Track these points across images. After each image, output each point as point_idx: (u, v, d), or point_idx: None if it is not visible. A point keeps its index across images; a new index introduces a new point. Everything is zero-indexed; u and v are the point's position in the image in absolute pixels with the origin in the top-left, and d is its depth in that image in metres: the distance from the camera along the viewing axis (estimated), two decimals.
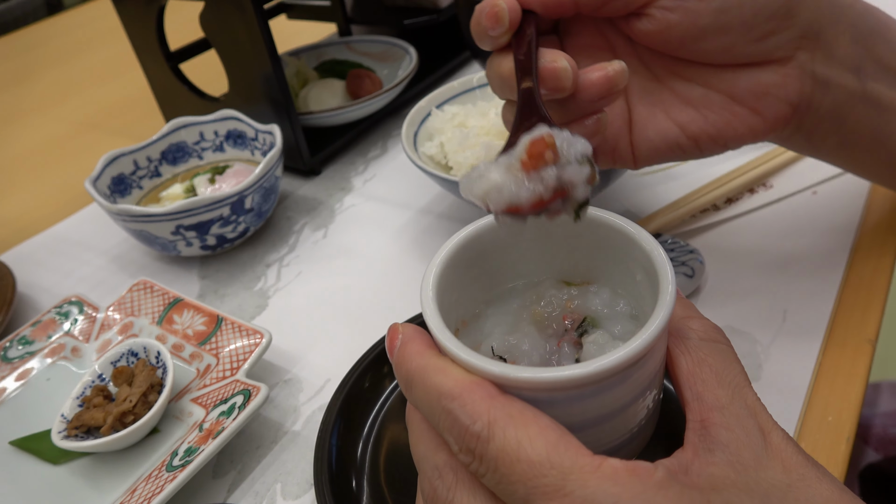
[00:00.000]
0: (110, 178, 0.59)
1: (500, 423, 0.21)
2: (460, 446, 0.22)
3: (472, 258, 0.29)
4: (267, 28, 0.58)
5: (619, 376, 0.23)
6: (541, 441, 0.20)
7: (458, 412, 0.21)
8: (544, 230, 0.29)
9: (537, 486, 0.20)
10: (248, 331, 0.45)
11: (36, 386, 0.46)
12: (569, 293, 0.30)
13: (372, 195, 0.63)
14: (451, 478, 0.23)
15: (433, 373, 0.23)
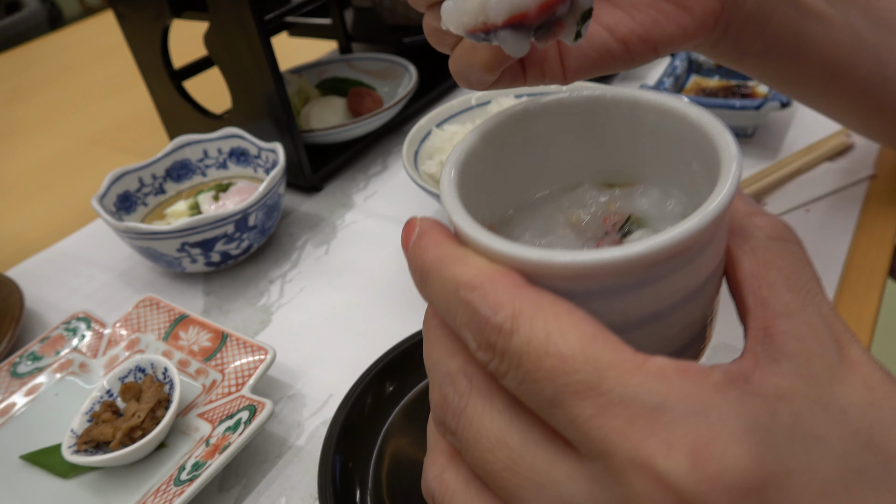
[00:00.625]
0: (116, 195, 0.60)
1: (527, 314, 0.18)
2: (479, 342, 0.19)
3: (500, 155, 0.26)
4: (270, 48, 0.59)
5: (670, 263, 0.19)
6: (574, 334, 0.17)
7: (479, 303, 0.18)
8: (581, 120, 0.26)
9: (568, 384, 0.17)
10: (252, 347, 0.46)
11: (45, 401, 0.47)
12: (611, 194, 0.26)
13: (373, 212, 0.64)
14: (465, 385, 0.20)
15: (451, 263, 0.20)
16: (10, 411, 0.46)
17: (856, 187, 0.55)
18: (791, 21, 0.37)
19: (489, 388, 0.19)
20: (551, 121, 0.25)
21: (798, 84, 0.43)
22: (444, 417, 0.20)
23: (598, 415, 0.16)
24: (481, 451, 0.19)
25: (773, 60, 0.39)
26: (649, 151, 0.25)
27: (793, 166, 0.56)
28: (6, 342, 0.52)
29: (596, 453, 0.17)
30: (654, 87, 0.64)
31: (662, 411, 0.16)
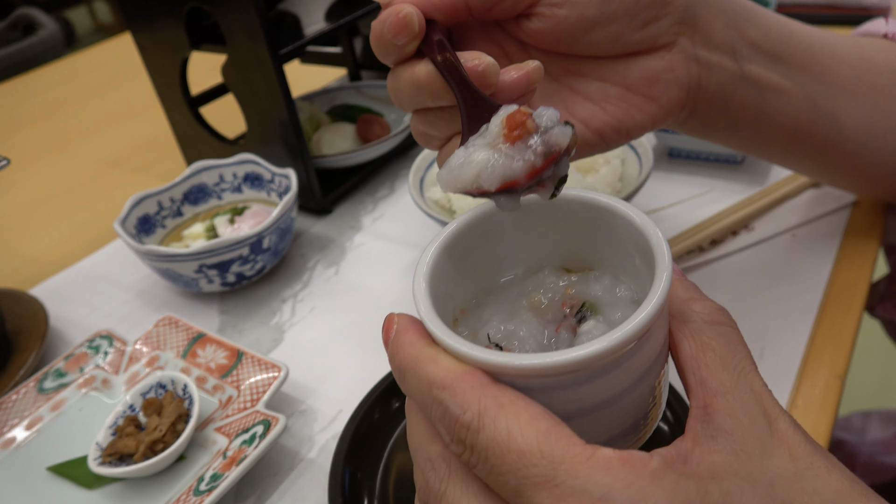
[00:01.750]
0: (136, 218, 0.63)
1: (491, 413, 0.21)
2: (452, 437, 0.21)
3: (468, 247, 0.28)
4: (284, 79, 0.62)
5: (613, 360, 0.22)
6: (531, 431, 0.20)
7: (449, 402, 0.21)
8: (540, 216, 0.29)
9: (527, 477, 0.20)
10: (266, 365, 0.48)
11: (69, 415, 0.50)
12: (569, 279, 0.29)
13: (380, 234, 0.67)
14: (444, 469, 0.23)
15: (424, 363, 0.23)
16: (37, 425, 0.49)
17: (839, 213, 0.57)
18: (751, 98, 0.39)
19: (465, 473, 0.22)
20: (513, 216, 0.28)
21: (763, 150, 0.46)
22: (427, 499, 0.23)
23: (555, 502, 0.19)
24: None
25: (737, 133, 0.42)
26: (601, 243, 0.28)
27: (779, 192, 0.59)
28: (32, 358, 0.55)
29: None
30: None
31: (606, 501, 0.19)
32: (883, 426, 0.80)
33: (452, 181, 0.25)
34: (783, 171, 0.64)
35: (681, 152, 0.68)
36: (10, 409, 0.49)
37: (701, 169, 0.67)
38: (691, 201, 0.62)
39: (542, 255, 0.30)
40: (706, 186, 0.64)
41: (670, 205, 0.62)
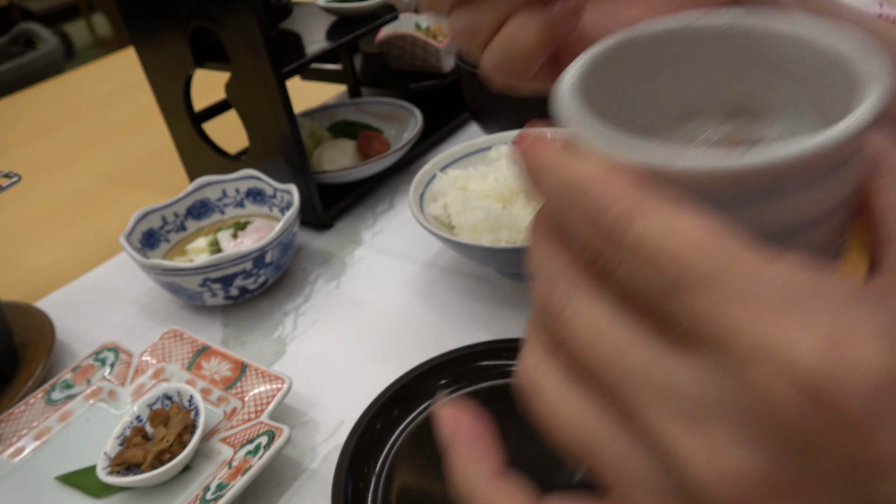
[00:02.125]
0: (141, 232, 0.64)
1: (647, 207, 0.16)
2: (593, 234, 0.17)
3: (619, 76, 0.23)
4: (286, 96, 0.64)
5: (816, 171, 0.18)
6: (698, 226, 0.16)
7: (597, 194, 0.17)
8: (708, 51, 0.23)
9: (684, 276, 0.16)
10: (270, 377, 0.50)
11: (76, 426, 0.51)
12: (736, 123, 0.24)
13: (380, 248, 0.68)
14: (568, 283, 0.18)
15: (569, 161, 0.18)
16: (45, 435, 0.50)
17: None
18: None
19: (596, 284, 0.18)
20: (674, 47, 0.23)
21: None
22: (545, 311, 0.19)
23: (719, 304, 0.15)
24: (581, 345, 0.18)
25: None
26: (781, 81, 0.23)
27: None
28: (40, 370, 0.56)
29: (712, 344, 0.15)
30: None
31: (794, 304, 0.15)
32: None
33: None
34: None
35: None
36: (20, 420, 0.50)
37: None
38: None
39: (703, 96, 0.24)
40: None
41: None
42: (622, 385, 0.17)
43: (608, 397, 0.18)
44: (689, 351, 0.16)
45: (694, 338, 0.16)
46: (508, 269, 0.58)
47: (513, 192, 0.56)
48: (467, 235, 0.55)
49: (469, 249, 0.53)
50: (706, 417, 0.16)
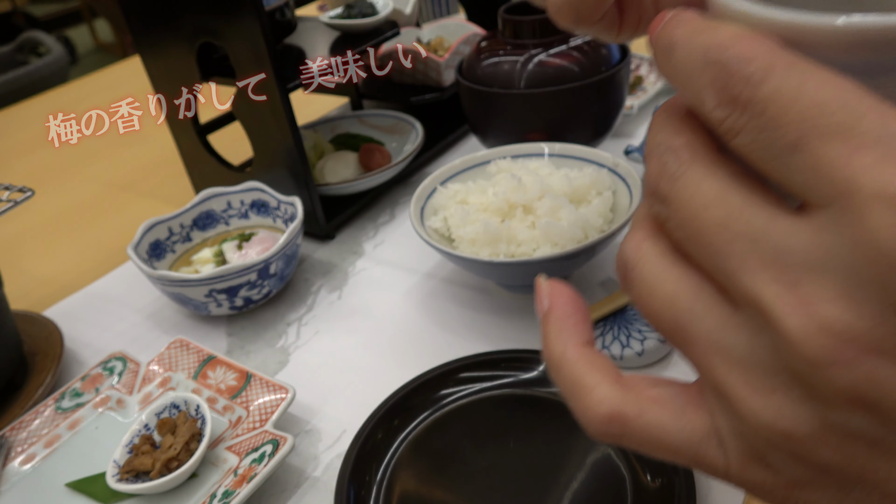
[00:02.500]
0: (148, 243, 0.65)
1: (781, 67, 0.16)
2: (722, 97, 0.17)
3: None
4: (291, 111, 0.65)
5: None
6: (832, 84, 0.15)
7: (729, 58, 0.16)
8: None
9: (817, 126, 0.15)
10: (274, 386, 0.51)
11: (85, 433, 0.52)
12: None
13: (381, 259, 0.69)
14: (688, 155, 0.18)
15: (704, 31, 0.17)
16: (56, 443, 0.51)
17: None
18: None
19: (713, 158, 0.18)
20: None
21: None
22: (657, 184, 0.19)
23: (846, 154, 0.15)
24: (693, 210, 0.18)
25: None
26: None
27: None
28: (49, 378, 0.57)
29: (834, 195, 0.15)
30: (639, 146, 0.70)
31: None
32: None
33: None
34: None
35: None
36: (30, 427, 0.52)
37: None
38: None
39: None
40: None
41: None
42: (730, 249, 0.17)
43: (711, 268, 0.17)
44: (804, 213, 0.16)
45: (814, 194, 0.15)
46: (507, 282, 0.60)
47: (511, 207, 0.57)
48: (466, 248, 0.56)
49: (468, 263, 0.54)
50: (812, 275, 0.15)
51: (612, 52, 0.69)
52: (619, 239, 0.62)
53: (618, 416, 0.20)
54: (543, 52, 0.67)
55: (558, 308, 0.22)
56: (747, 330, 0.17)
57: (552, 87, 0.65)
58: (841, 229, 0.15)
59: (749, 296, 0.16)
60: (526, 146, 0.65)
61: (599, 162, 0.61)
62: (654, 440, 0.19)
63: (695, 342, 0.18)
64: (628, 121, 0.85)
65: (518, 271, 0.54)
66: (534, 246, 0.54)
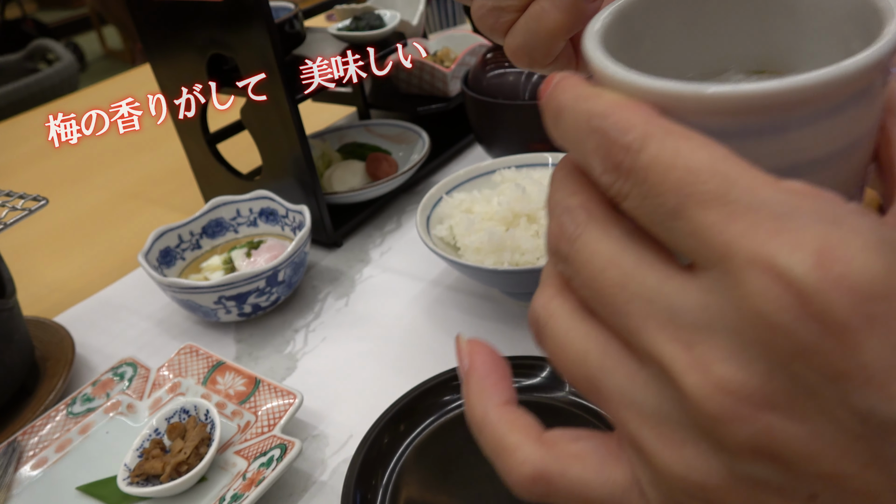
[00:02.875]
0: (158, 251, 0.66)
1: (657, 136, 0.17)
2: (606, 164, 0.18)
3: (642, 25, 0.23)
4: (299, 121, 0.67)
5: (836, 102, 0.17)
6: (704, 152, 0.16)
7: (609, 127, 0.18)
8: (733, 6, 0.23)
9: (692, 194, 0.16)
10: (282, 392, 0.52)
11: (96, 438, 0.53)
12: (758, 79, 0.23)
13: (388, 267, 0.70)
14: (583, 216, 0.19)
15: (586, 99, 0.19)
16: (67, 447, 0.52)
17: None
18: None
19: (607, 218, 0.19)
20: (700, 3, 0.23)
21: None
22: (557, 245, 0.20)
23: (721, 221, 0.16)
24: (592, 272, 0.19)
25: None
26: (805, 34, 0.22)
27: None
28: (61, 384, 0.58)
29: (715, 259, 0.16)
30: None
31: (791, 218, 0.15)
32: None
33: None
34: None
35: None
36: (42, 432, 0.53)
37: None
38: None
39: (728, 53, 0.24)
40: None
41: None
42: (629, 308, 0.18)
43: (614, 326, 0.18)
44: (691, 273, 0.17)
45: (697, 256, 0.16)
46: (511, 289, 0.61)
47: (515, 216, 0.58)
48: (471, 257, 0.57)
49: (473, 271, 0.55)
50: (704, 334, 0.16)
51: None
52: None
53: (541, 475, 0.20)
54: None
55: (478, 368, 0.23)
56: (654, 385, 0.18)
57: None
58: (724, 292, 0.16)
59: (651, 354, 0.17)
60: (530, 156, 0.66)
61: None
62: (579, 496, 0.20)
63: (608, 398, 0.19)
64: None
65: (522, 279, 0.55)
66: (537, 254, 0.55)
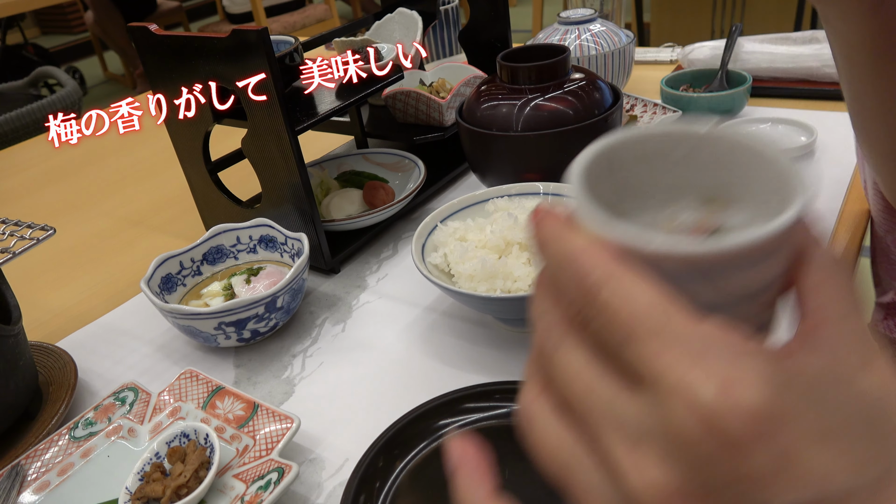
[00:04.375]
0: (160, 277, 0.68)
1: (616, 275, 0.22)
2: (575, 294, 0.23)
3: (618, 164, 0.29)
4: (299, 151, 0.69)
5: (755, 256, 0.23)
6: (650, 293, 0.22)
7: (580, 264, 0.23)
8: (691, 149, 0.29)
9: (637, 329, 0.21)
10: (280, 416, 0.53)
11: (98, 462, 0.54)
12: (707, 210, 0.30)
13: (384, 293, 0.72)
14: (561, 331, 0.24)
15: (568, 236, 0.24)
16: (69, 471, 0.53)
17: None
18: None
19: (579, 337, 0.24)
20: (665, 143, 0.29)
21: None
22: (543, 347, 0.25)
23: (657, 352, 0.20)
24: (565, 381, 0.24)
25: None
26: (744, 180, 0.29)
27: None
28: (63, 408, 0.59)
29: (650, 382, 0.21)
30: None
31: (706, 355, 0.20)
32: None
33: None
34: None
35: None
36: (45, 456, 0.54)
37: None
38: None
39: (684, 186, 0.30)
40: None
41: None
42: (590, 416, 0.23)
43: (582, 427, 0.23)
44: (636, 389, 0.22)
45: (640, 378, 0.21)
46: (504, 316, 0.62)
47: (508, 244, 0.60)
48: (465, 284, 0.59)
49: (466, 298, 0.57)
50: (642, 441, 0.21)
51: (605, 95, 0.73)
52: None
53: None
54: (539, 97, 0.70)
55: (465, 465, 0.28)
56: (609, 479, 0.22)
57: (547, 130, 0.68)
58: (656, 409, 0.21)
59: (606, 454, 0.22)
60: (523, 186, 0.68)
61: None
62: None
63: (575, 487, 0.23)
64: None
65: (514, 306, 0.56)
66: (529, 281, 0.57)
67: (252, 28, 0.62)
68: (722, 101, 0.93)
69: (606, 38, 0.98)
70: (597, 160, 0.28)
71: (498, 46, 0.96)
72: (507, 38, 0.96)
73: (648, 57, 1.27)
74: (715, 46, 1.08)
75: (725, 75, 1.00)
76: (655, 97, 1.01)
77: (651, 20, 2.29)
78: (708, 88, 0.99)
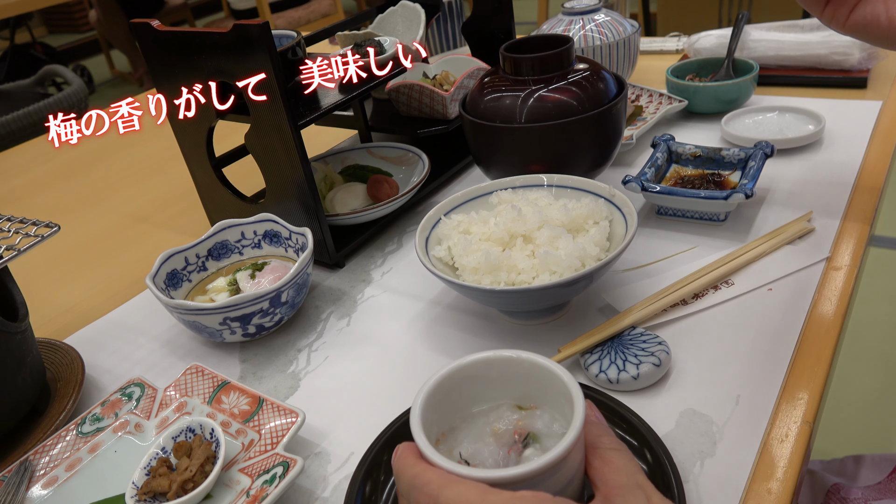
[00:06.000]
0: (165, 273, 0.68)
1: (446, 485, 0.33)
2: (426, 500, 0.34)
3: (451, 387, 0.41)
4: (302, 146, 0.68)
5: (543, 475, 0.33)
6: (474, 490, 0.33)
7: (424, 479, 0.34)
8: (502, 370, 0.41)
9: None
10: (285, 410, 0.53)
11: (105, 457, 0.54)
12: (520, 414, 0.42)
13: (389, 287, 0.72)
14: None
15: (412, 466, 0.36)
16: (77, 466, 0.54)
17: (813, 268, 0.62)
18: None
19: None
20: (483, 367, 0.41)
21: None
22: None
23: None
24: None
25: None
26: (543, 390, 0.41)
27: (758, 249, 0.64)
28: (71, 404, 0.59)
29: None
30: (637, 176, 0.72)
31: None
32: (874, 470, 0.83)
33: None
34: (763, 229, 0.69)
35: (668, 210, 0.73)
36: (52, 451, 0.54)
37: (687, 226, 0.72)
38: (677, 257, 0.68)
39: (502, 395, 0.42)
40: (691, 243, 0.69)
41: (657, 260, 0.67)
42: None
43: None
44: None
45: None
46: (508, 308, 0.62)
47: (512, 236, 0.60)
48: (469, 277, 0.59)
49: (470, 290, 0.57)
50: None
51: (610, 85, 0.72)
52: (614, 266, 0.65)
53: None
54: (543, 88, 0.69)
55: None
56: None
57: (551, 122, 0.68)
58: None
59: None
60: (526, 178, 0.67)
61: (597, 192, 0.64)
62: None
63: None
64: (628, 151, 0.88)
65: (518, 299, 0.56)
66: (533, 274, 0.56)
67: (253, 22, 0.62)
68: (728, 90, 0.92)
69: (611, 28, 0.97)
70: (434, 389, 0.40)
71: (501, 38, 0.96)
72: (510, 29, 0.96)
73: (654, 47, 1.26)
74: (721, 35, 1.07)
75: (732, 64, 0.99)
76: (661, 87, 1.00)
77: (658, 10, 2.28)
78: (714, 77, 0.99)
